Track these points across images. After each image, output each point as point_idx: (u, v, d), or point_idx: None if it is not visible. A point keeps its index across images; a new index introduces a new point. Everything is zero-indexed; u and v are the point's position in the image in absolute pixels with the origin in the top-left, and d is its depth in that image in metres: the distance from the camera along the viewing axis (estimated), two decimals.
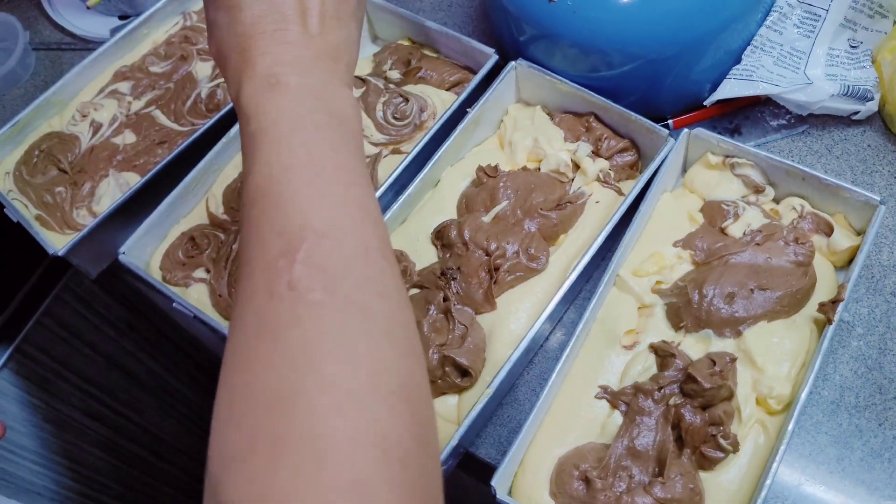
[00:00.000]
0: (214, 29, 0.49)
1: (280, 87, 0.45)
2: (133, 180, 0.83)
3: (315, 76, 0.46)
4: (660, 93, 0.77)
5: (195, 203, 0.80)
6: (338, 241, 0.40)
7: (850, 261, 0.67)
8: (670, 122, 0.79)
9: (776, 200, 0.72)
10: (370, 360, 0.38)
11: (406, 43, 0.88)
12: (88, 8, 0.96)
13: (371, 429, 0.36)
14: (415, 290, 0.70)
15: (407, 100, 0.81)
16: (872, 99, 0.75)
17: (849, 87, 0.75)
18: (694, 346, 0.64)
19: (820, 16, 0.76)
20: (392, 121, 0.81)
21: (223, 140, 0.80)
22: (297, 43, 0.47)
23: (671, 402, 0.61)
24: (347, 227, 0.41)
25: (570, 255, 0.70)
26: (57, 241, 0.78)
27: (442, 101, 0.82)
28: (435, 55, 0.86)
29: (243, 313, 0.40)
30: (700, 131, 0.71)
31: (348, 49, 0.51)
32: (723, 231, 0.69)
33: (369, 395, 0.37)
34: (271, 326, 0.38)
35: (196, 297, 0.74)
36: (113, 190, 0.83)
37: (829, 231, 0.68)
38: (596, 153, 0.75)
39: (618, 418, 0.62)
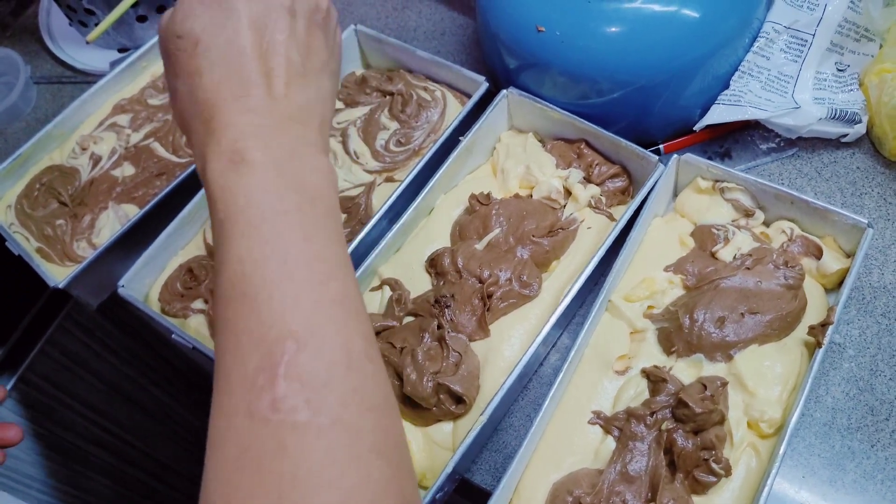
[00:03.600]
0: (175, 97, 0.47)
1: (245, 166, 0.42)
2: (132, 212, 0.84)
3: (282, 147, 0.44)
4: (650, 118, 0.79)
5: (192, 234, 0.81)
6: (319, 349, 0.38)
7: (841, 283, 0.67)
8: (661, 147, 0.80)
9: (766, 224, 0.72)
10: (363, 490, 0.36)
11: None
12: (88, 42, 0.97)
13: None
14: (409, 318, 0.71)
15: (420, 105, 0.83)
16: (860, 122, 0.76)
17: (837, 110, 0.76)
18: (685, 371, 0.64)
19: (806, 41, 0.77)
20: (392, 148, 0.83)
21: None
22: (261, 110, 0.44)
23: (663, 426, 0.61)
24: (328, 331, 0.39)
25: (562, 281, 0.71)
26: (57, 274, 0.79)
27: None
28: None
29: (222, 438, 0.37)
30: (689, 157, 0.72)
31: (320, 107, 0.48)
32: (713, 255, 0.70)
33: None
34: (254, 456, 0.36)
35: (195, 327, 0.75)
36: (112, 222, 0.84)
37: (818, 254, 0.69)
38: (587, 179, 0.76)
39: (611, 444, 0.63)
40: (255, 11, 0.46)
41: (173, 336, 0.72)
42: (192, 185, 0.81)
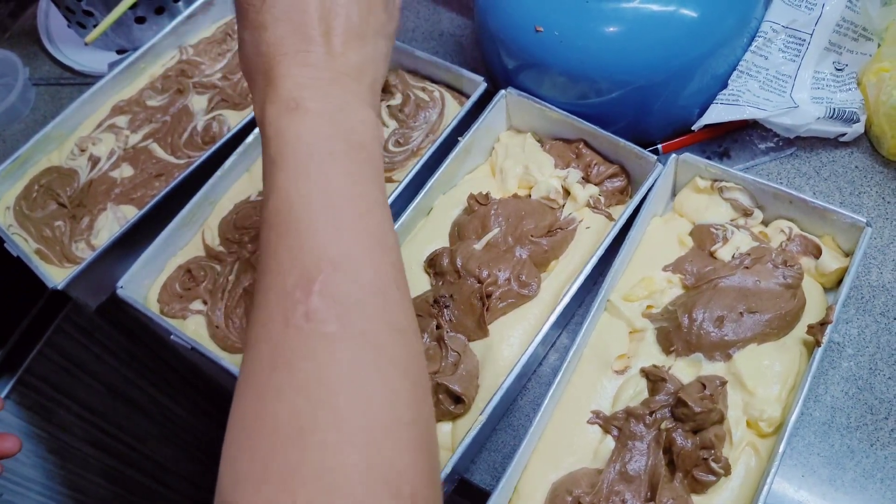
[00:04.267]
0: (242, 47, 0.50)
1: (299, 112, 0.45)
2: (131, 213, 0.84)
3: (335, 100, 0.47)
4: (648, 118, 0.79)
5: (191, 235, 0.81)
6: (352, 272, 0.41)
7: (839, 282, 0.67)
8: (659, 146, 0.80)
9: (765, 223, 0.72)
10: (382, 395, 0.39)
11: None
12: (87, 43, 0.97)
13: (383, 466, 0.36)
14: None
15: (419, 105, 0.83)
16: (858, 121, 0.76)
17: (835, 109, 0.76)
18: (685, 370, 0.64)
19: (804, 40, 0.77)
20: (390, 148, 0.83)
21: (218, 173, 0.81)
22: (318, 64, 0.47)
23: (662, 426, 0.61)
24: (362, 258, 0.43)
25: (561, 280, 0.71)
26: (56, 275, 0.79)
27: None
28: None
29: (258, 341, 0.41)
30: (688, 156, 0.72)
31: (374, 67, 0.51)
32: (712, 255, 0.70)
33: (381, 431, 0.37)
34: (286, 357, 0.39)
35: (193, 328, 0.75)
36: (111, 223, 0.84)
37: (817, 253, 0.69)
38: (586, 179, 0.76)
39: (610, 443, 0.63)
40: None
41: (172, 337, 0.72)
42: (190, 185, 0.81)
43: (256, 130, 0.83)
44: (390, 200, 0.75)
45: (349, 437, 0.37)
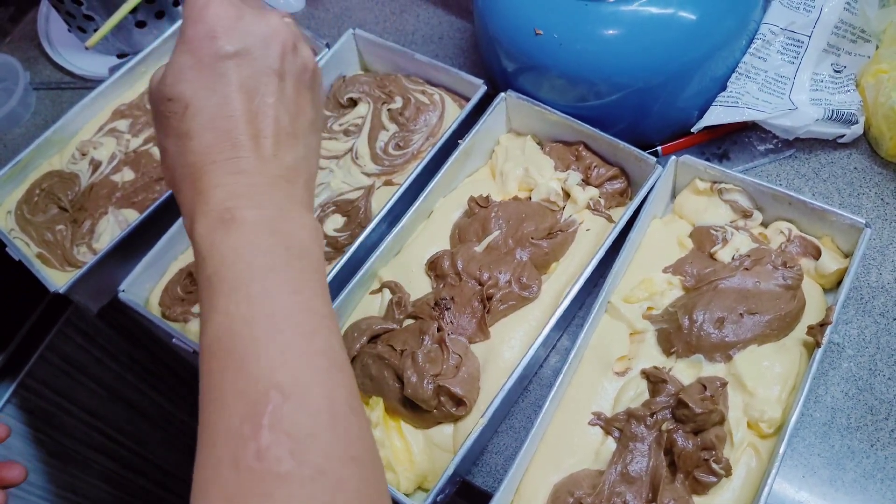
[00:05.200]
0: (165, 157, 0.47)
1: (234, 224, 0.43)
2: (132, 217, 0.84)
3: (271, 206, 0.44)
4: (648, 120, 0.79)
5: None
6: (303, 400, 0.39)
7: (839, 283, 0.67)
8: (659, 148, 0.80)
9: (764, 224, 0.73)
10: None
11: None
12: (87, 48, 0.97)
13: None
14: (409, 321, 0.71)
15: (419, 108, 0.84)
16: (857, 122, 0.76)
17: (833, 111, 0.76)
18: (685, 372, 0.64)
19: (803, 42, 0.78)
20: (391, 151, 0.83)
21: None
22: (250, 170, 0.45)
23: (663, 427, 0.61)
24: (313, 383, 0.40)
25: (561, 282, 0.71)
26: (58, 279, 0.79)
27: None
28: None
29: (207, 488, 0.38)
30: (687, 158, 0.73)
31: (307, 164, 0.49)
32: (712, 256, 0.70)
33: None
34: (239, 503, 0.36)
35: (195, 331, 0.75)
36: (112, 227, 0.84)
37: (816, 254, 0.69)
38: (586, 181, 0.76)
39: (611, 444, 0.63)
40: (244, 75, 0.46)
41: (174, 340, 0.72)
42: None
43: None
44: (391, 204, 0.75)
45: None
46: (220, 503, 0.37)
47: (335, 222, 0.79)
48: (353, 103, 0.87)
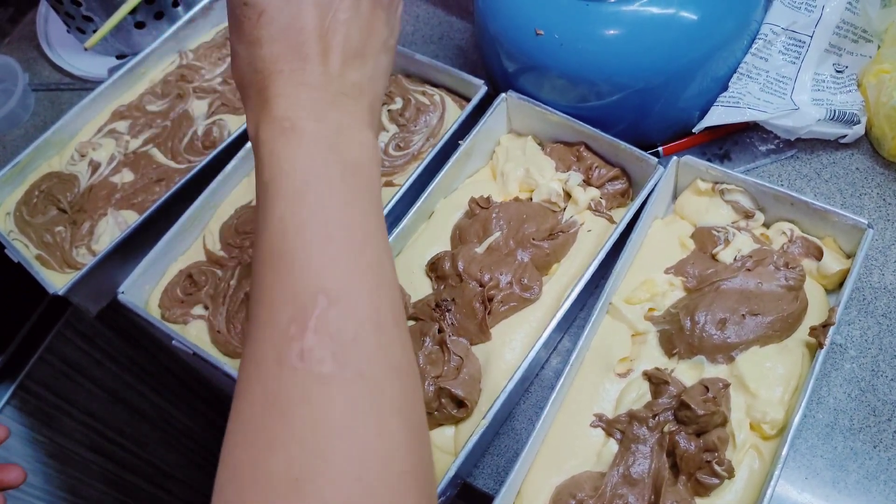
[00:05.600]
0: (236, 59, 0.48)
1: (295, 134, 0.44)
2: (131, 218, 0.84)
3: (332, 121, 0.45)
4: (649, 121, 0.79)
5: (192, 240, 0.81)
6: (349, 307, 0.40)
7: (841, 284, 0.67)
8: (660, 149, 0.80)
9: (766, 225, 0.72)
10: (380, 443, 0.37)
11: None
12: (86, 49, 0.97)
13: None
14: (410, 322, 0.71)
15: (419, 109, 0.84)
16: (859, 122, 0.76)
17: (835, 111, 0.76)
18: (687, 373, 0.64)
19: (804, 42, 0.78)
20: (391, 152, 0.83)
21: (219, 178, 0.81)
22: (315, 84, 0.45)
23: (665, 429, 0.61)
24: (360, 292, 0.41)
25: (563, 284, 0.71)
26: (57, 281, 0.78)
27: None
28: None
29: (250, 383, 0.39)
30: (689, 159, 0.72)
31: (373, 85, 0.49)
32: (714, 257, 0.70)
33: (379, 481, 0.36)
34: (280, 401, 0.37)
35: (195, 333, 0.75)
36: (112, 228, 0.84)
37: (818, 255, 0.69)
38: (587, 182, 0.76)
39: (613, 446, 0.63)
40: None
41: (173, 342, 0.72)
42: (191, 190, 0.81)
43: None
44: (391, 205, 0.75)
45: (345, 489, 0.35)
46: (260, 398, 0.38)
47: None
48: None
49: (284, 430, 0.36)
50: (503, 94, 0.79)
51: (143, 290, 0.78)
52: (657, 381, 0.64)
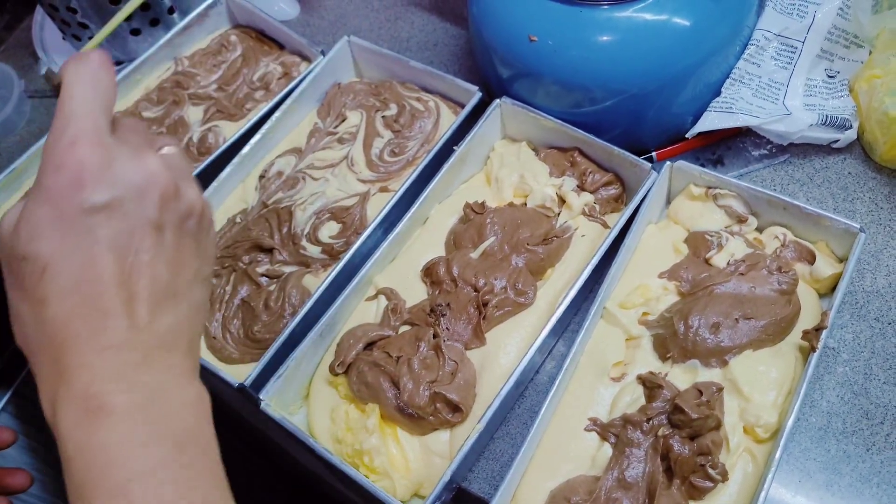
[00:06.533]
0: (18, 322, 0.40)
1: (104, 416, 0.36)
2: None
3: (146, 387, 0.38)
4: (642, 126, 0.79)
5: None
6: None
7: (834, 288, 0.68)
8: (654, 154, 0.81)
9: (759, 230, 0.73)
10: None
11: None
12: None
13: None
14: (405, 328, 0.71)
15: (414, 115, 0.84)
16: (851, 127, 0.77)
17: (827, 116, 0.76)
18: (681, 377, 0.64)
19: (796, 48, 0.78)
20: (386, 158, 0.83)
21: (214, 184, 0.81)
22: (120, 345, 0.38)
23: (660, 432, 0.61)
24: None
25: (557, 288, 0.71)
26: None
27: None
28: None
29: None
30: (682, 164, 0.73)
31: (190, 324, 0.43)
32: (707, 261, 0.70)
33: None
34: None
35: None
36: None
37: (811, 259, 0.69)
38: (581, 187, 0.77)
39: (608, 450, 0.63)
40: (114, 231, 0.39)
41: None
42: None
43: (253, 141, 0.84)
44: (386, 210, 0.75)
45: None
46: None
47: (330, 229, 0.79)
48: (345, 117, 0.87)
49: None
50: (497, 100, 0.79)
51: None
52: (651, 385, 0.64)
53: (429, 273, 0.73)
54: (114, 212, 0.38)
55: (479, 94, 0.81)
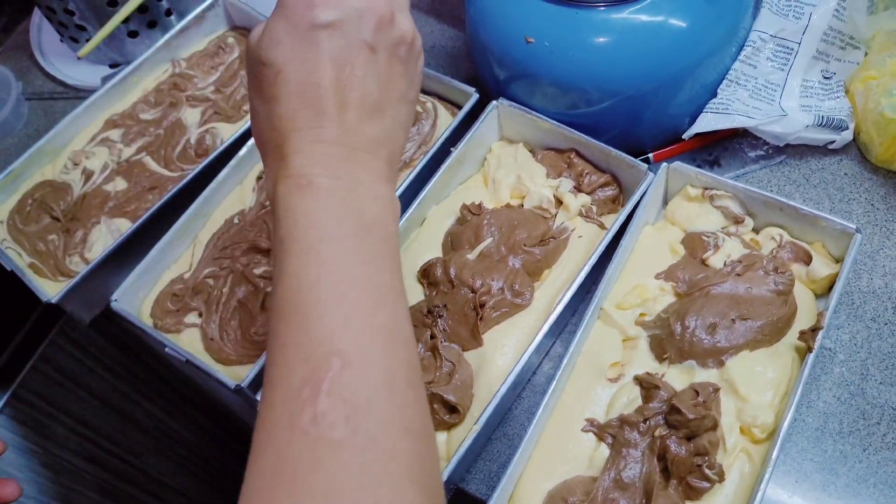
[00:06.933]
0: (255, 117, 0.49)
1: (311, 190, 0.44)
2: (124, 227, 0.84)
3: (348, 177, 0.45)
4: (639, 127, 0.79)
5: (185, 248, 0.81)
6: (364, 370, 0.39)
7: (830, 288, 0.68)
8: (650, 155, 0.81)
9: (755, 230, 0.73)
10: None
11: None
12: (79, 58, 0.97)
13: None
14: None
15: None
16: (847, 128, 0.77)
17: (823, 117, 0.76)
18: (678, 377, 0.65)
19: (792, 49, 0.78)
20: None
21: (212, 185, 0.81)
22: (331, 140, 0.46)
23: (657, 433, 0.61)
24: (374, 354, 0.41)
25: (554, 289, 0.71)
26: (50, 289, 0.78)
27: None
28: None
29: (263, 446, 0.39)
30: (679, 165, 0.73)
31: (392, 138, 0.50)
32: (704, 262, 0.70)
33: None
34: (291, 467, 0.37)
35: (188, 341, 0.75)
36: (105, 236, 0.84)
37: (807, 260, 0.69)
38: (578, 188, 0.77)
39: (605, 451, 0.63)
40: (336, 46, 0.46)
41: (167, 350, 0.72)
42: (184, 198, 0.81)
43: (250, 143, 0.84)
44: None
45: None
46: (272, 463, 0.37)
47: None
48: None
49: (295, 497, 0.36)
50: (494, 102, 0.79)
51: (137, 298, 0.78)
52: (648, 386, 0.64)
53: (426, 274, 0.73)
54: (336, 30, 0.46)
55: (475, 96, 0.82)
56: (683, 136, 0.79)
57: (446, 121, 0.84)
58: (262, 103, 0.47)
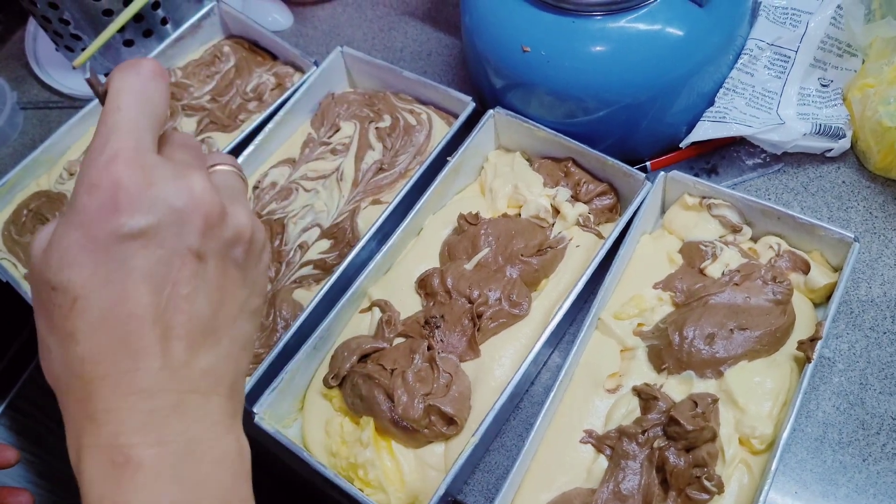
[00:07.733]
0: (46, 357, 0.37)
1: (131, 470, 0.34)
2: None
3: (179, 439, 0.35)
4: (636, 136, 0.79)
5: None
6: None
7: (829, 297, 0.68)
8: (648, 164, 0.81)
9: (753, 239, 0.73)
10: None
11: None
12: (75, 67, 0.97)
13: None
14: (399, 340, 0.71)
15: (406, 129, 0.84)
16: (845, 136, 0.77)
17: (821, 125, 0.76)
18: (676, 388, 0.64)
19: (790, 57, 0.78)
20: (378, 170, 0.83)
21: None
22: (153, 388, 0.35)
23: (655, 444, 0.61)
24: None
25: (552, 299, 0.71)
26: None
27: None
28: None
29: None
30: (676, 174, 0.73)
31: (232, 365, 0.39)
32: (702, 272, 0.70)
33: None
34: None
35: None
36: None
37: (806, 269, 0.69)
38: (575, 197, 0.76)
39: (603, 462, 0.63)
40: (151, 260, 0.35)
41: None
42: None
43: (246, 152, 0.83)
44: (380, 222, 0.75)
45: None
46: None
47: (321, 246, 0.79)
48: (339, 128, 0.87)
49: None
50: (491, 111, 0.79)
51: None
52: (646, 397, 0.64)
53: (423, 285, 0.73)
54: (150, 239, 0.35)
55: (472, 105, 0.81)
56: (681, 145, 0.78)
57: (442, 130, 0.84)
58: (56, 340, 0.36)
